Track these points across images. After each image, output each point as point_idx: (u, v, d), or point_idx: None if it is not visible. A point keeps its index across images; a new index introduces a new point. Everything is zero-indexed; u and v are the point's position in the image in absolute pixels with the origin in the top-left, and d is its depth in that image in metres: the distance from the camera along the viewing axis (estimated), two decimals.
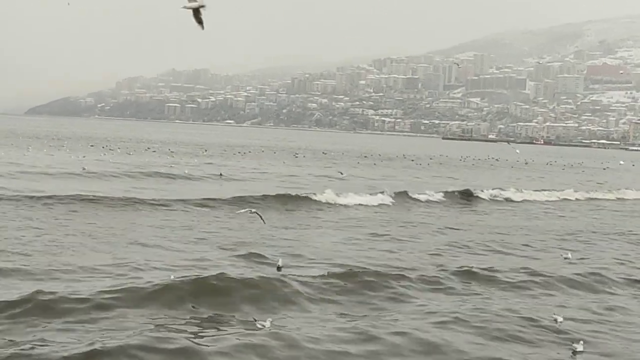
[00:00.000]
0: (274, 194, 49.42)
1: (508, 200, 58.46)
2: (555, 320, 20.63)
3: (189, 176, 64.55)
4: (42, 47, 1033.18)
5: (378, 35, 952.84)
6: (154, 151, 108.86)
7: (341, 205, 47.82)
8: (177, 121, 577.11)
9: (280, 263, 26.71)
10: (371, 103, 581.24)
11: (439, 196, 55.33)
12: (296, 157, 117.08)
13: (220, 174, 68.57)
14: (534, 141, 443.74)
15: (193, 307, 20.30)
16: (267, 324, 18.91)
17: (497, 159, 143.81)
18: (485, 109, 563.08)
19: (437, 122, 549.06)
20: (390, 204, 50.29)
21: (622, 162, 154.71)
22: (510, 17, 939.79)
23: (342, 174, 73.03)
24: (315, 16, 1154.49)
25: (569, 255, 30.72)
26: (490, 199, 58.21)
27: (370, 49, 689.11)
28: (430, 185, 64.91)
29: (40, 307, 18.79)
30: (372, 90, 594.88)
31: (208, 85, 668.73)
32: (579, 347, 19.01)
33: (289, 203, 46.60)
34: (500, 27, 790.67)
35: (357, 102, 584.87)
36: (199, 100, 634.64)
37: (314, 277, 24.14)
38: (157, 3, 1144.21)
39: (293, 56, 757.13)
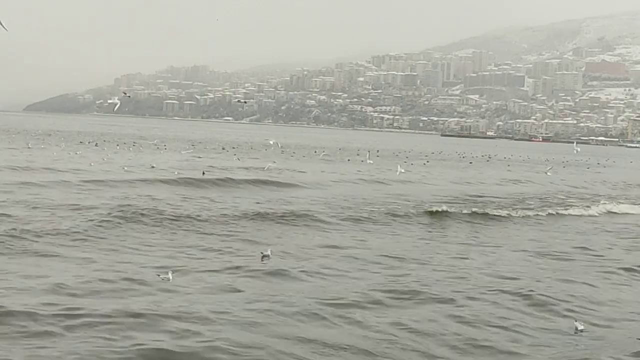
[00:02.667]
0: None
1: None
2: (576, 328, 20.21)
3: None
4: (41, 44, 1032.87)
5: (377, 31, 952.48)
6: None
7: None
8: (175, 118, 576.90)
9: (268, 252, 27.70)
10: (370, 100, 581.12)
11: None
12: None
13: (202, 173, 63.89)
14: (533, 138, 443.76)
15: None
16: None
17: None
18: (483, 105, 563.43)
19: (435, 119, 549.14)
20: None
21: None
22: (509, 14, 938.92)
23: None
24: (313, 12, 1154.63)
25: None
26: None
27: (368, 46, 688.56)
28: None
29: None
30: (370, 87, 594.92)
31: (206, 82, 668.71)
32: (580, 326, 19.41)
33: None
34: (499, 24, 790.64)
35: (356, 99, 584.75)
36: (198, 97, 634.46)
37: None
38: (157, 1, 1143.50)
39: (291, 53, 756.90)
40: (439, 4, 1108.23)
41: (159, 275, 23.43)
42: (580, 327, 19.98)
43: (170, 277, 23.16)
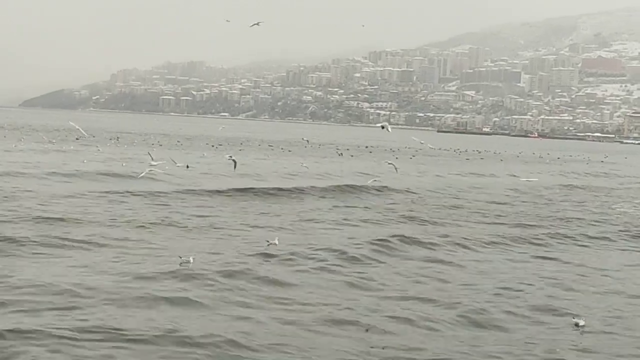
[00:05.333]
0: None
1: None
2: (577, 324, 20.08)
3: None
4: (41, 44, 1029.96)
5: (373, 28, 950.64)
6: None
7: None
8: (172, 114, 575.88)
9: (276, 241, 28.08)
10: (366, 96, 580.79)
11: None
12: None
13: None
14: (529, 134, 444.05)
15: None
16: None
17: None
18: (480, 101, 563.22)
19: (432, 115, 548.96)
20: None
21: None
22: (506, 10, 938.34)
23: None
24: (310, 10, 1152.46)
25: None
26: None
27: (365, 42, 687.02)
28: None
29: None
30: (367, 83, 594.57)
31: (203, 78, 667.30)
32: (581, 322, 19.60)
33: None
34: (496, 20, 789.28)
35: (352, 95, 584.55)
36: (194, 92, 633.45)
37: None
38: (157, 1, 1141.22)
39: (288, 49, 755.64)
40: (436, 0, 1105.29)
41: (180, 257, 23.79)
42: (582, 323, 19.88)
43: (192, 260, 23.34)
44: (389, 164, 51.61)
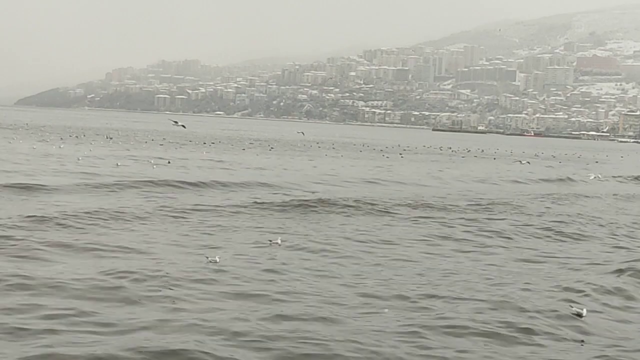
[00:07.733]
0: None
1: None
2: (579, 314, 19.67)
3: None
4: (32, 38, 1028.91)
5: (368, 26, 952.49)
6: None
7: None
8: (167, 112, 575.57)
9: (278, 241, 27.74)
10: (361, 94, 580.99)
11: None
12: None
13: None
14: (525, 133, 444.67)
15: None
16: None
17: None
18: (475, 100, 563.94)
19: (427, 113, 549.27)
20: None
21: None
22: (501, 8, 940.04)
23: None
24: (306, 7, 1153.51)
25: None
26: None
27: (360, 40, 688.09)
28: None
29: None
30: (362, 82, 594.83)
31: (198, 77, 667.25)
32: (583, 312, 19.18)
33: None
34: (491, 18, 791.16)
35: (347, 94, 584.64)
36: (189, 91, 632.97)
37: None
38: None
39: (283, 47, 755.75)
40: None
41: (207, 258, 23.67)
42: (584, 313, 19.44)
43: (218, 260, 23.48)
44: None
